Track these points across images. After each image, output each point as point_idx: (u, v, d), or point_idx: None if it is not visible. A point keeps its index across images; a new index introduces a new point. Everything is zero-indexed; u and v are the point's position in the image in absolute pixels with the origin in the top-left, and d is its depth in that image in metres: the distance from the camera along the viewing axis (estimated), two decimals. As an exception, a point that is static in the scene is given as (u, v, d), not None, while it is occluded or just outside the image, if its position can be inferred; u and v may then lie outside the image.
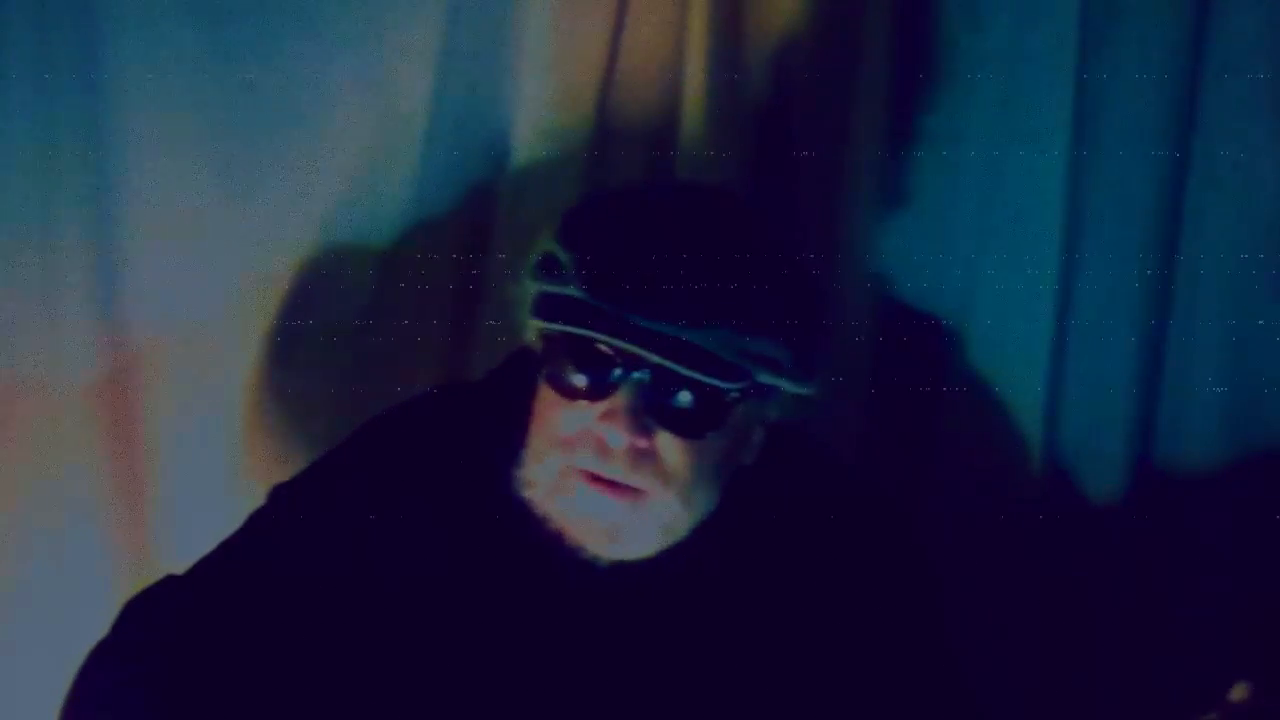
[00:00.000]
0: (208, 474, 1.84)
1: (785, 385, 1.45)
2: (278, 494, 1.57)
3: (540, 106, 1.84)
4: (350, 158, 1.81)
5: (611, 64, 1.84)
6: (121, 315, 1.80)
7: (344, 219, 1.83)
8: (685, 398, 1.41)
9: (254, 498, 1.58)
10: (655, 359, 1.38)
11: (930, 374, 1.91)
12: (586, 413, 1.42)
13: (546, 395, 1.46)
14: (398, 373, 1.83)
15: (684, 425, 1.42)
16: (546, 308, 1.43)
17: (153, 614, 1.51)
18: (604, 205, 1.48)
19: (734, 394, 1.42)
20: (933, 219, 1.90)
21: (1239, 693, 1.36)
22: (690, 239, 1.41)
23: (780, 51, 1.86)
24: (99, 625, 1.51)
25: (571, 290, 1.40)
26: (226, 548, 1.54)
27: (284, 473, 1.60)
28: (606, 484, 1.42)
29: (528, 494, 1.46)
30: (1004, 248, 1.88)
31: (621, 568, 1.46)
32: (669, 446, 1.42)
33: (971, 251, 1.89)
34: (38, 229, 1.76)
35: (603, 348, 1.40)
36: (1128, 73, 1.84)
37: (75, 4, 1.72)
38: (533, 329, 1.47)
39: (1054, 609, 1.90)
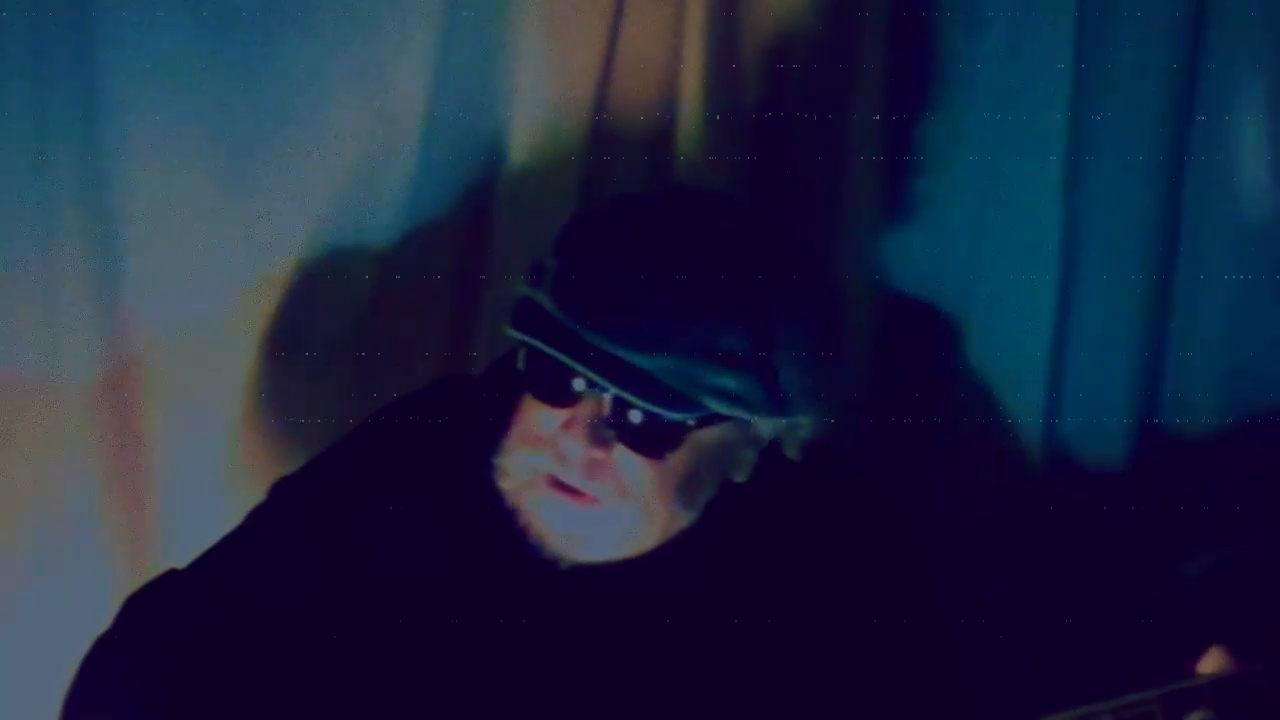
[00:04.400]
0: (207, 473, 1.84)
1: (748, 417, 1.42)
2: (278, 490, 1.57)
3: (538, 107, 1.83)
4: (348, 158, 1.81)
5: (609, 65, 1.84)
6: (121, 315, 1.80)
7: (342, 219, 1.82)
8: (637, 417, 1.40)
9: (253, 497, 1.59)
10: (598, 379, 1.38)
11: (930, 372, 1.91)
12: (554, 417, 1.42)
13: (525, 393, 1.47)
14: (396, 373, 1.84)
15: (639, 444, 1.41)
16: (519, 313, 1.43)
17: (154, 608, 1.52)
18: (599, 216, 1.48)
19: (689, 421, 1.41)
20: (932, 220, 1.90)
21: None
22: (666, 263, 1.39)
23: (777, 54, 1.85)
24: (99, 624, 1.52)
25: (542, 299, 1.41)
26: (227, 543, 1.55)
27: (283, 472, 1.60)
28: (566, 489, 1.43)
29: (502, 484, 1.47)
30: (1003, 247, 1.88)
31: (582, 570, 1.46)
32: (626, 460, 1.42)
33: (971, 251, 1.89)
34: (38, 229, 1.76)
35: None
36: (1126, 72, 1.84)
37: (73, 4, 1.72)
38: (506, 331, 1.46)
39: (1056, 603, 1.90)
